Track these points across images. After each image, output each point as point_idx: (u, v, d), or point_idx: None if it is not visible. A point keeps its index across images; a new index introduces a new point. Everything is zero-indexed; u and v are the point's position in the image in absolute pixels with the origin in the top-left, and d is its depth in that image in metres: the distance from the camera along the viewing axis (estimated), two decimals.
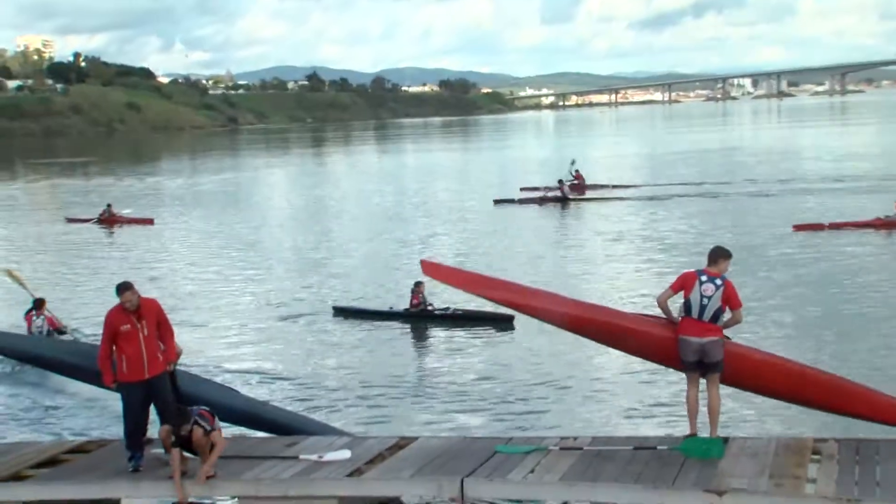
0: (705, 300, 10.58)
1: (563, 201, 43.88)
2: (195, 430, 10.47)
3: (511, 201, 44.82)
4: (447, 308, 20.95)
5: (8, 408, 15.51)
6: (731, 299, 10.60)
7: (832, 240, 29.41)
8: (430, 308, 21.02)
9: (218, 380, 15.09)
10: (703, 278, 10.62)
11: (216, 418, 10.93)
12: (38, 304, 20.16)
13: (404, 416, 14.47)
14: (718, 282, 10.61)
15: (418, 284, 21.21)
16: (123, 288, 11.05)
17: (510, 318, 19.62)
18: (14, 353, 15.54)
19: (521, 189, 48.13)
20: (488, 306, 19.67)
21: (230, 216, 44.28)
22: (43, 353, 14.55)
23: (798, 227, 31.73)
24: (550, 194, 44.54)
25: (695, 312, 10.60)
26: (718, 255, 10.78)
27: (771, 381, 10.93)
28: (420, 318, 21.03)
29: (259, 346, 19.36)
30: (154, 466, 10.93)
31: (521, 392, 15.36)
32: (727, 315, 10.67)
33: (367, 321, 21.22)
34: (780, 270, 24.85)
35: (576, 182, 48.30)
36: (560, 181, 45.44)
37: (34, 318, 19.74)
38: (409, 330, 20.67)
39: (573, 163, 50.16)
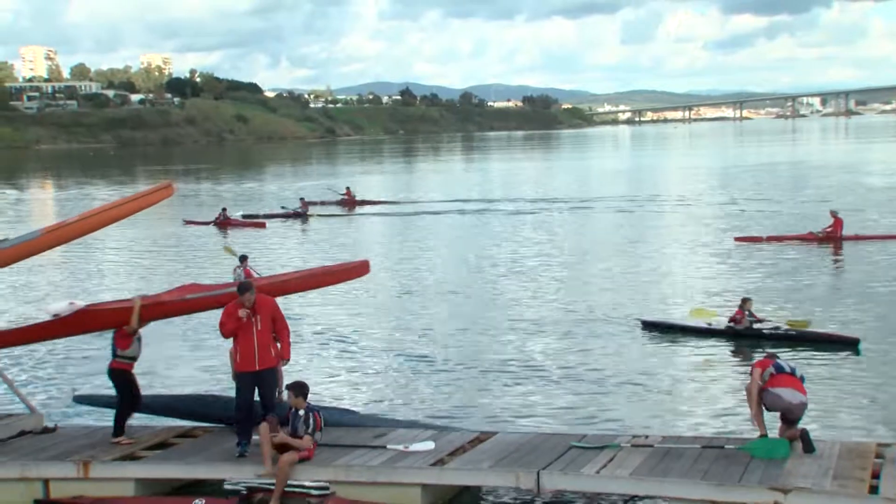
0: (793, 363, 10.96)
1: (303, 217, 44.79)
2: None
3: (257, 216, 45.30)
4: (777, 327, 17.91)
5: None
6: None
7: (766, 250, 29.51)
8: (756, 326, 18.00)
9: None
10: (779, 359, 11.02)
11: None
12: (242, 259, 24.45)
13: (485, 412, 14.38)
14: None
15: (745, 301, 18.42)
16: (244, 289, 11.28)
17: (855, 341, 17.15)
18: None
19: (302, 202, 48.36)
20: (831, 326, 18.53)
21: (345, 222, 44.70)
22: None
23: (739, 239, 31.65)
24: (292, 210, 45.62)
25: (787, 368, 10.76)
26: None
27: None
28: (745, 336, 17.89)
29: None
30: (258, 453, 11.05)
31: (596, 392, 15.18)
32: None
33: (679, 337, 18.50)
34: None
35: (346, 198, 51.24)
36: (301, 199, 46.81)
37: (237, 269, 23.86)
38: (729, 349, 17.71)
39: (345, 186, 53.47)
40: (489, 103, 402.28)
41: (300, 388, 10.85)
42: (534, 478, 10.02)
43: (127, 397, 12.15)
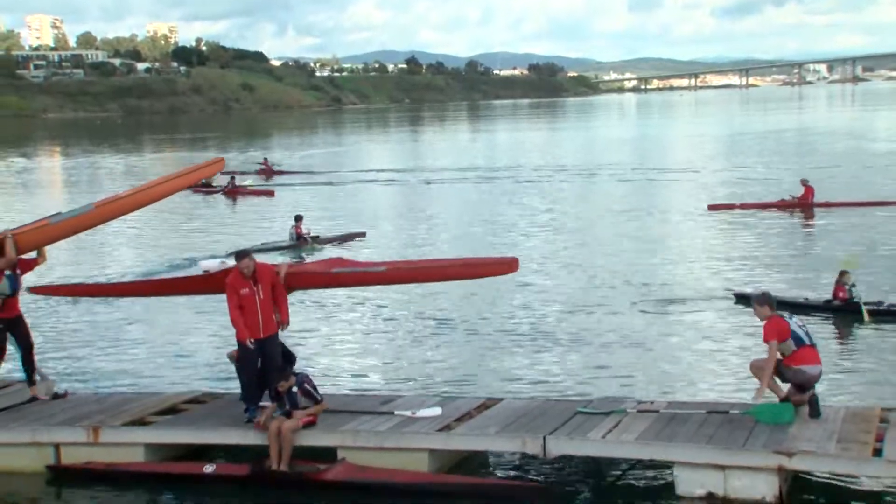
0: (805, 327, 10.72)
1: (210, 187, 43.70)
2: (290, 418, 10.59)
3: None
4: (881, 303, 17.00)
5: (134, 363, 15.96)
6: None
7: (741, 218, 30.02)
8: (856, 301, 16.83)
9: None
10: (786, 315, 10.73)
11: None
12: (297, 219, 26.53)
13: (489, 380, 14.42)
14: None
15: (843, 273, 17.28)
16: (242, 255, 11.28)
17: None
18: None
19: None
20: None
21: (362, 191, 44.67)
22: None
23: (712, 207, 32.05)
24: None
25: (807, 340, 10.58)
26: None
27: None
28: (844, 312, 16.87)
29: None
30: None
31: (602, 359, 15.20)
32: None
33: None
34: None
35: (263, 168, 52.26)
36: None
37: (291, 228, 26.45)
38: (828, 325, 16.65)
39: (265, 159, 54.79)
40: (495, 71, 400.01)
41: (283, 373, 10.80)
42: (540, 443, 10.05)
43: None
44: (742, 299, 18.08)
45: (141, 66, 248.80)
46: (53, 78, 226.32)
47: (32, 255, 12.58)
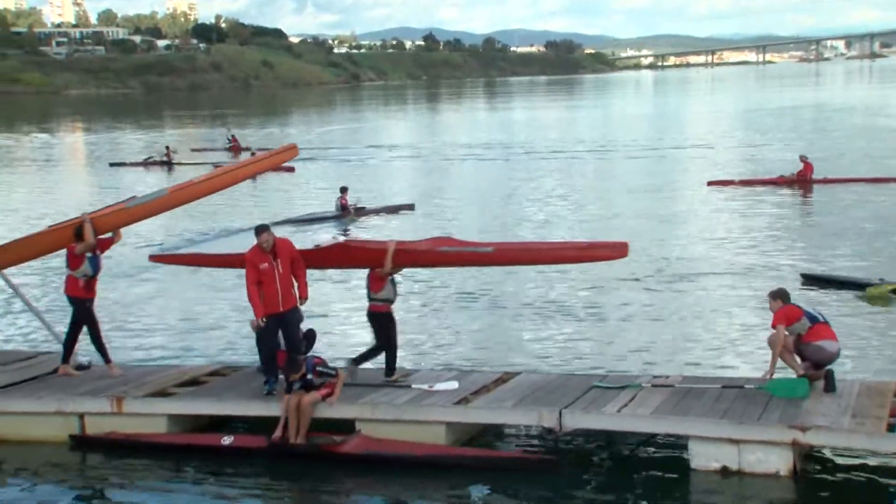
0: (819, 310, 10.92)
1: (168, 165, 44.18)
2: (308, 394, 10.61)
3: (125, 164, 45.97)
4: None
5: (156, 335, 16.06)
6: None
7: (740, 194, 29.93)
8: None
9: None
10: (801, 305, 10.84)
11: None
12: (342, 190, 26.87)
13: (507, 354, 14.43)
14: None
15: None
16: (261, 230, 11.29)
17: None
18: None
19: (193, 150, 49.86)
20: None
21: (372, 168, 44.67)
22: None
23: (711, 183, 31.80)
24: (156, 158, 45.35)
25: (821, 318, 10.67)
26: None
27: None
28: None
29: None
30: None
31: (618, 333, 15.19)
32: None
33: (842, 292, 16.80)
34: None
35: (232, 146, 51.53)
36: (167, 147, 46.56)
37: (337, 200, 26.83)
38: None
39: (229, 129, 55.38)
40: (512, 48, 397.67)
41: (294, 365, 10.73)
42: (556, 416, 10.07)
43: (383, 339, 11.86)
44: (811, 281, 17.54)
45: (161, 43, 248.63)
46: (75, 55, 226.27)
47: (108, 234, 12.76)
